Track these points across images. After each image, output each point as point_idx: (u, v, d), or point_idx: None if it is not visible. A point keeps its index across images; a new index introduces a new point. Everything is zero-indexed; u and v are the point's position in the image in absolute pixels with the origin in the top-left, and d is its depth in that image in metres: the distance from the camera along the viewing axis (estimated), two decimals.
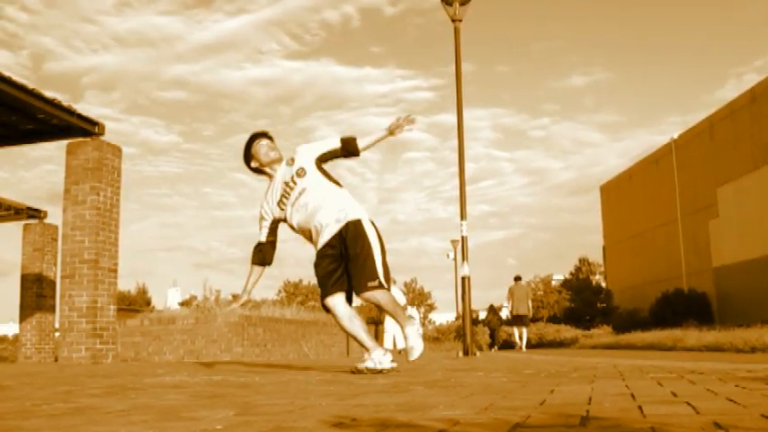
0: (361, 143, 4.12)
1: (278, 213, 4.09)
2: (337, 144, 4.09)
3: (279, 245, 4.20)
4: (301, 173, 3.98)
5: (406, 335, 3.98)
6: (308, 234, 4.03)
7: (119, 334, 9.12)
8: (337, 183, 4.06)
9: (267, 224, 4.13)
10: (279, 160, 4.11)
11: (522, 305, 16.31)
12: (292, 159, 4.06)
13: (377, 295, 3.86)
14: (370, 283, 3.83)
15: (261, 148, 4.10)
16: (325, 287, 3.95)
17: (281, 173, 4.06)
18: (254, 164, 4.15)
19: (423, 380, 3.12)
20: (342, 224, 3.90)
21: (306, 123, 66.70)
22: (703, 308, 19.96)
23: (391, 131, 4.11)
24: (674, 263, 23.09)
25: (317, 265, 3.97)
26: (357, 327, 3.98)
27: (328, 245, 3.92)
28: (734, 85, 58.79)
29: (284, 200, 4.02)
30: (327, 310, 4.00)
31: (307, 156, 4.04)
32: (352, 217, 3.92)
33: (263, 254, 4.16)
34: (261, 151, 4.09)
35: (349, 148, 4.09)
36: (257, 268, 4.18)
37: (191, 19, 63.66)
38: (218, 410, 1.83)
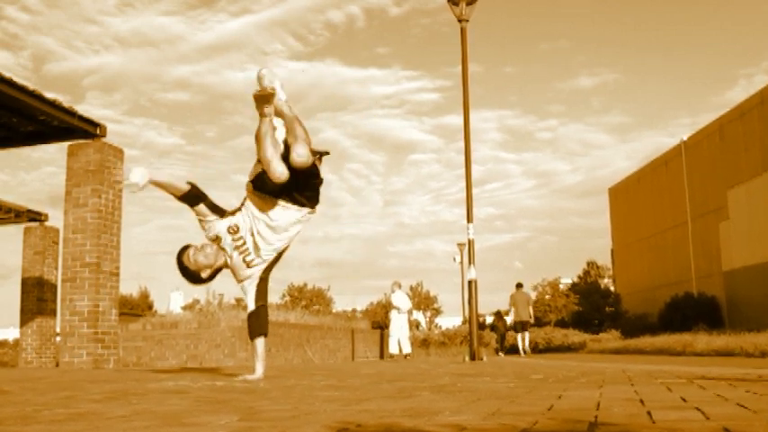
0: (191, 188, 3.93)
1: (267, 258, 3.93)
2: (201, 206, 3.91)
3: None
4: (234, 230, 3.86)
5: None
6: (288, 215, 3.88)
7: (120, 338, 9.07)
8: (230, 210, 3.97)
9: (253, 288, 3.95)
10: (219, 248, 3.89)
11: (523, 311, 16.95)
12: (216, 237, 3.88)
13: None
14: None
15: (198, 256, 3.84)
16: None
17: (229, 250, 3.89)
18: (206, 273, 3.90)
19: (429, 385, 3.10)
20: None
21: (310, 125, 65.74)
22: (713, 312, 19.85)
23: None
24: (684, 266, 22.97)
25: None
26: None
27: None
28: (744, 86, 58.45)
29: (256, 250, 3.88)
30: None
31: (219, 228, 3.89)
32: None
33: (262, 322, 3.99)
34: (200, 258, 3.84)
35: (195, 198, 3.91)
36: (261, 339, 4.01)
37: (193, 19, 63.62)
38: (221, 416, 1.82)
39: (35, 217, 12.32)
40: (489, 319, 23.87)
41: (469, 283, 10.12)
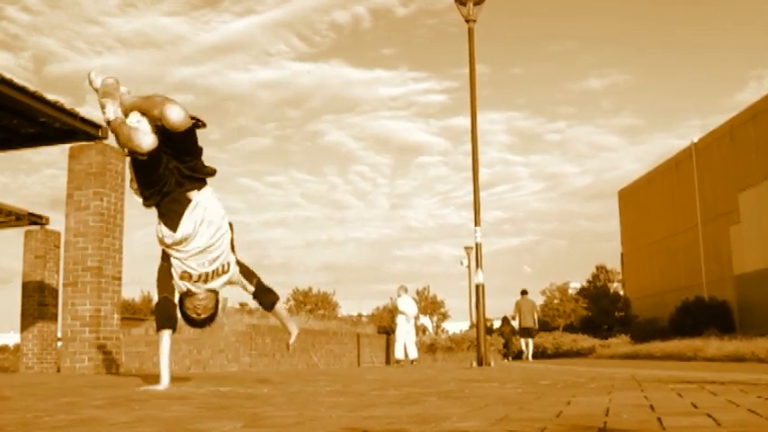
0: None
1: (226, 247, 3.89)
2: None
3: (289, 251, 4.14)
4: (186, 276, 3.80)
5: None
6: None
7: (123, 344, 9.05)
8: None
9: (239, 276, 4.00)
10: (210, 300, 3.86)
11: (528, 318, 17.15)
12: (188, 292, 3.84)
13: None
14: None
15: (200, 304, 3.83)
16: None
17: (204, 287, 3.84)
18: (214, 304, 3.91)
19: (436, 390, 3.08)
20: None
21: (315, 127, 66.47)
22: (724, 317, 19.69)
23: None
24: (695, 270, 22.83)
25: None
26: None
27: None
28: (754, 88, 58.05)
29: (217, 261, 3.83)
30: None
31: (181, 288, 3.86)
32: None
33: (268, 291, 4.20)
34: (202, 305, 3.83)
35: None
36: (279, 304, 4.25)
37: (197, 20, 63.49)
38: (224, 422, 1.81)
39: (36, 220, 12.16)
40: (497, 324, 23.85)
41: (477, 287, 10.10)
